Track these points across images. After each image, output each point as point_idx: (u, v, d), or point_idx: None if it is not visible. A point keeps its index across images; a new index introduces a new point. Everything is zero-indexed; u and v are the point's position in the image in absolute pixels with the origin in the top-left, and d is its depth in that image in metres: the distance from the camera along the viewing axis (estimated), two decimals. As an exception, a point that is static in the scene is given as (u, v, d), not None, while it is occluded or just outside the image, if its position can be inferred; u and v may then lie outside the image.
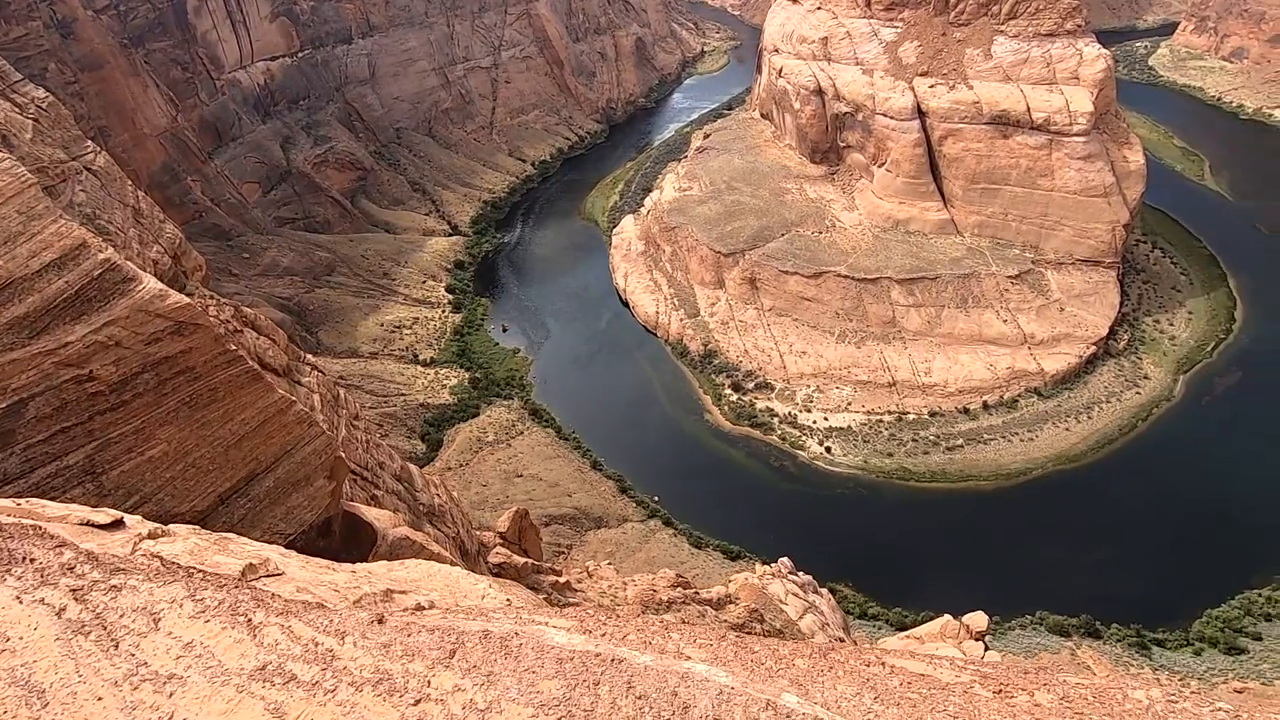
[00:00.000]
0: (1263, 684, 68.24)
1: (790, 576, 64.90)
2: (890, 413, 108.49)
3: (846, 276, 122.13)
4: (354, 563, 11.87)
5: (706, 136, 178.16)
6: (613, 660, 6.72)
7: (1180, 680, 69.29)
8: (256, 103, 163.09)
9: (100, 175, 28.95)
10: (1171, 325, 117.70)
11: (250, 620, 6.80)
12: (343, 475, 15.46)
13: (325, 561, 10.33)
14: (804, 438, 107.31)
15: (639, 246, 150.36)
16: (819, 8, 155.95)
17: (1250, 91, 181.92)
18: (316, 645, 6.69)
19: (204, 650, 6.46)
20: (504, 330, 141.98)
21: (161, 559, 8.12)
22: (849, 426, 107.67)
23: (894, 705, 6.30)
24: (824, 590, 67.87)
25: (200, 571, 7.80)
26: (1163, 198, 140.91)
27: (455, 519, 46.80)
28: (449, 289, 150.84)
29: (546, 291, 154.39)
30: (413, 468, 48.51)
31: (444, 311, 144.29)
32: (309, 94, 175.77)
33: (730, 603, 51.73)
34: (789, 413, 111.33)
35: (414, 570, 11.20)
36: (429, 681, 6.39)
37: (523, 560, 44.45)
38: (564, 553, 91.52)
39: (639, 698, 6.30)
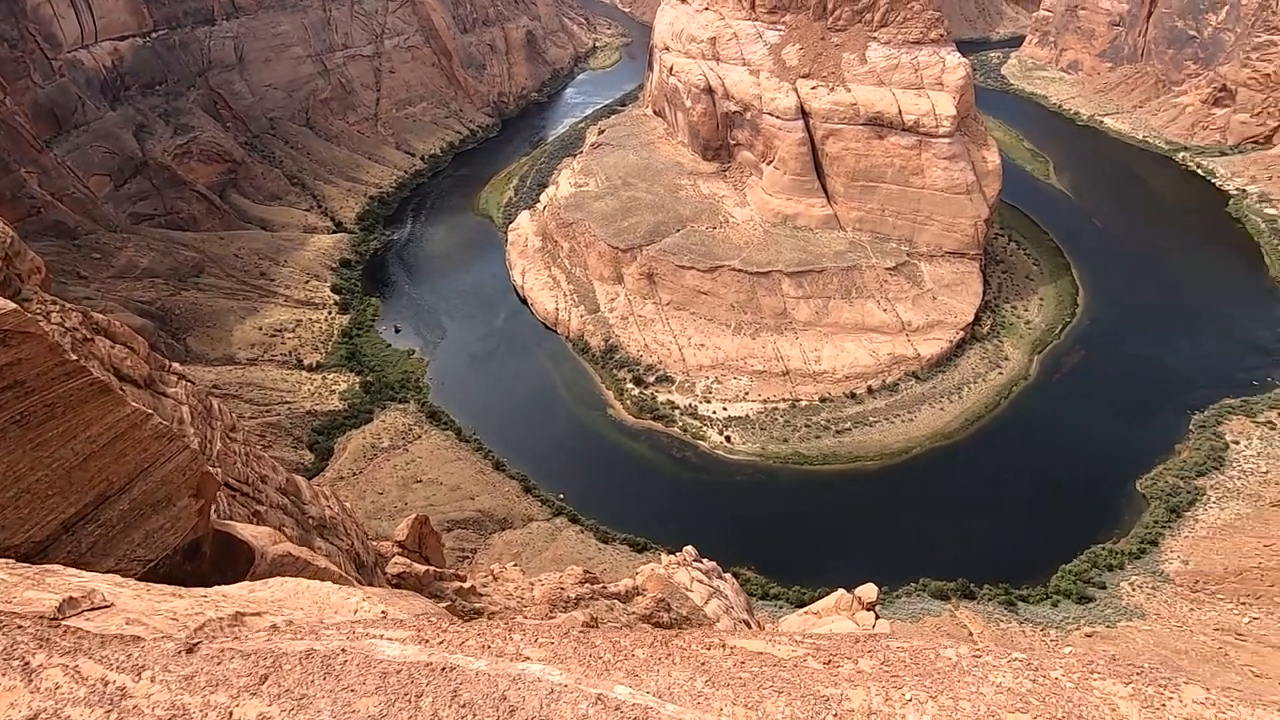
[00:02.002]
0: (1107, 627, 76.91)
1: (695, 564, 66.40)
2: (785, 400, 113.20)
3: (740, 270, 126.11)
4: (229, 584, 10.97)
5: (601, 132, 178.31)
6: (443, 669, 6.56)
7: (1041, 630, 76.87)
8: (103, 86, 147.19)
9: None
10: (1026, 311, 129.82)
11: (27, 663, 6.02)
12: (212, 492, 14.21)
13: (170, 588, 9.44)
14: (704, 428, 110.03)
15: (536, 243, 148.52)
16: (706, 8, 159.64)
17: (1084, 100, 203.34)
18: (106, 685, 6.03)
19: None
20: (396, 331, 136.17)
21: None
22: (747, 415, 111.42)
23: (724, 686, 6.55)
24: (728, 575, 69.89)
25: (-7, 613, 6.87)
26: (1016, 195, 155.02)
27: (349, 530, 44.53)
28: (335, 289, 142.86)
29: (441, 290, 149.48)
30: (300, 479, 45.65)
31: (330, 313, 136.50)
32: (166, 79, 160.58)
33: (638, 594, 52.30)
34: (689, 404, 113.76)
35: (278, 589, 10.47)
36: (231, 713, 5.93)
37: (424, 568, 42.94)
38: (468, 557, 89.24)
39: (463, 706, 6.17)
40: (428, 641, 7.16)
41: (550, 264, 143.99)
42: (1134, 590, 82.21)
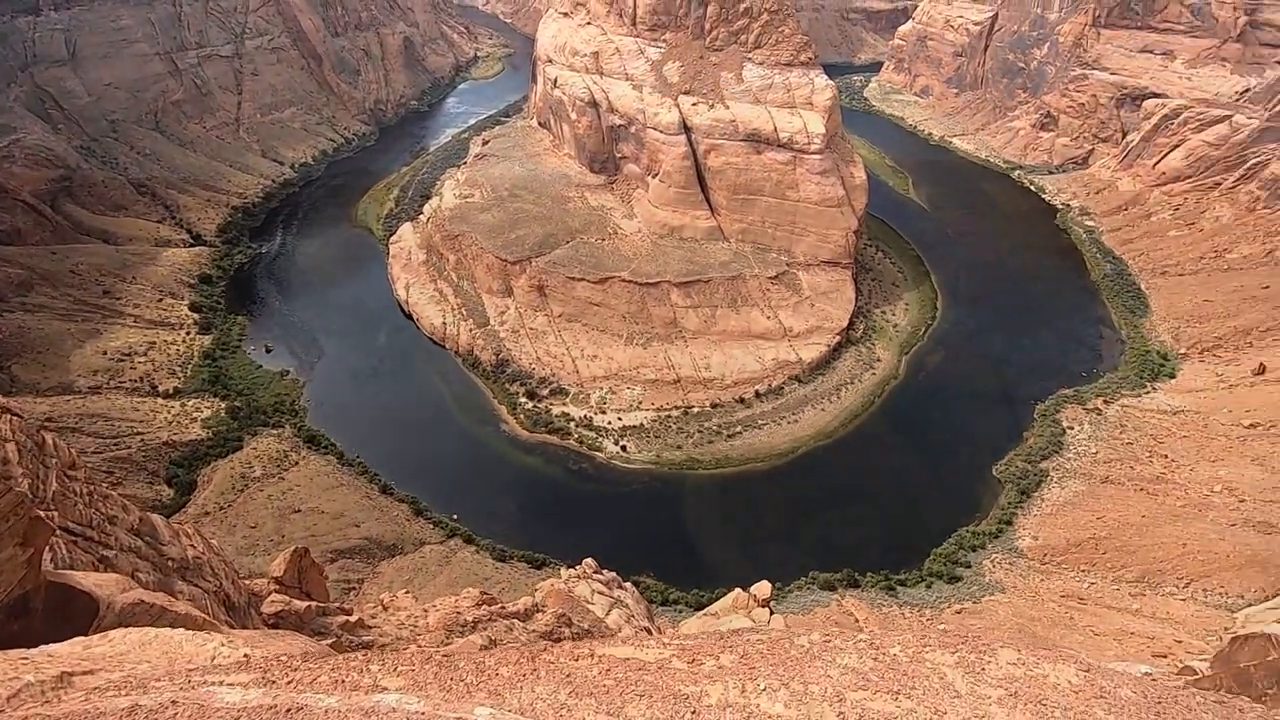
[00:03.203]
0: (973, 603, 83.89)
1: (595, 576, 66.13)
2: (677, 408, 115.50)
3: (630, 281, 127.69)
4: (67, 641, 9.69)
5: (486, 143, 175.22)
6: (288, 711, 6.21)
7: (918, 611, 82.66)
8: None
9: None
10: (894, 315, 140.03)
11: None
12: (43, 539, 12.56)
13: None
14: (600, 439, 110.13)
15: (420, 256, 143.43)
16: (589, 23, 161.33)
17: (936, 123, 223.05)
18: None
19: None
20: (267, 351, 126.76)
21: None
22: (641, 424, 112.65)
23: (588, 696, 6.65)
24: (628, 584, 70.15)
25: None
26: (880, 208, 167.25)
27: (216, 570, 40.78)
28: (194, 307, 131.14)
29: (317, 306, 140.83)
30: (156, 518, 41.36)
31: (189, 333, 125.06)
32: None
33: (538, 611, 51.35)
34: (584, 415, 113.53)
35: (121, 642, 9.44)
36: None
37: (305, 605, 40.05)
38: (355, 588, 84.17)
39: None
40: (274, 683, 6.68)
41: (436, 277, 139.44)
42: (994, 567, 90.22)
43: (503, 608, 51.31)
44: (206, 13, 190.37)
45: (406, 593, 57.43)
